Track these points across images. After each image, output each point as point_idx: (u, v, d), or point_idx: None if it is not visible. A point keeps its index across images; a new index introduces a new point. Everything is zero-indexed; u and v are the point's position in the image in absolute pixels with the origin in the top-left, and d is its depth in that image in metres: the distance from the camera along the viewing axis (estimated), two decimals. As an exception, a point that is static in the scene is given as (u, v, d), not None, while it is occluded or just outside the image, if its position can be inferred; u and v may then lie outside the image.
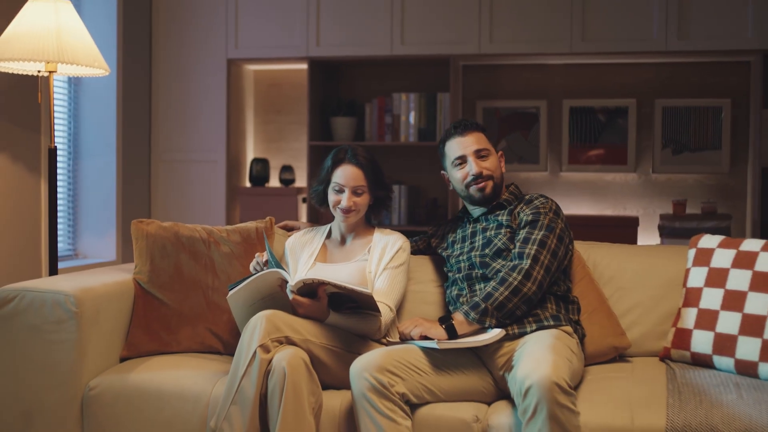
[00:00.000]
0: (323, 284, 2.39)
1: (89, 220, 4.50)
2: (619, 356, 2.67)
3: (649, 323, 2.70)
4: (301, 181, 4.97)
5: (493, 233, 2.64)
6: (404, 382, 2.27)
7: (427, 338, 2.40)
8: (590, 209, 4.74)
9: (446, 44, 4.52)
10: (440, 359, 2.38)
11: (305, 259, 2.74)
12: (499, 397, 2.42)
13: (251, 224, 2.91)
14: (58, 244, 3.30)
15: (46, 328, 2.50)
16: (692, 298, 2.57)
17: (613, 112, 4.69)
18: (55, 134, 3.41)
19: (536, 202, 2.64)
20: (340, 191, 2.68)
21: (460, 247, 2.72)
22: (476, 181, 2.65)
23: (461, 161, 2.68)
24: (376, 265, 2.66)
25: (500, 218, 2.66)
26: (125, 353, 2.68)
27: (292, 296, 2.42)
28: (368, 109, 4.77)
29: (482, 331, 2.43)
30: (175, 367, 2.57)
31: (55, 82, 3.25)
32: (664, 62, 4.62)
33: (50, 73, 3.22)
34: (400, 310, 2.76)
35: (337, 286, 2.37)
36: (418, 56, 4.59)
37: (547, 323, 2.46)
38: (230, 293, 2.48)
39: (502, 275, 2.48)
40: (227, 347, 2.72)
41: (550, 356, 2.18)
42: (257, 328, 2.30)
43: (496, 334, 2.39)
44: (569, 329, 2.48)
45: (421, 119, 4.66)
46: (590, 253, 2.84)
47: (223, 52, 4.72)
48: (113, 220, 4.49)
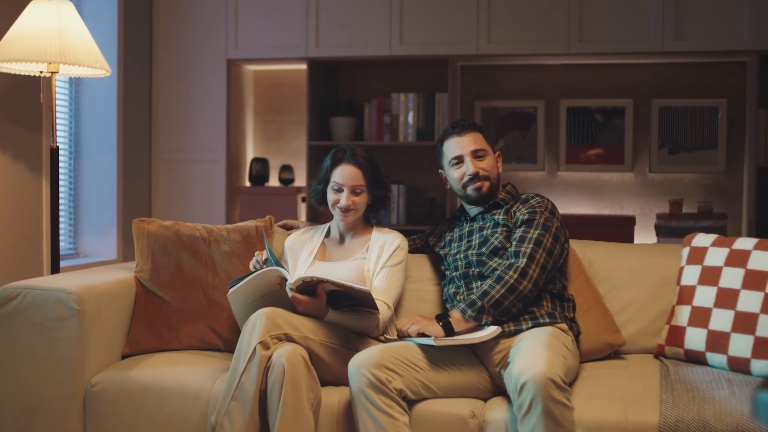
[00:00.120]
0: (322, 282, 2.42)
1: (90, 219, 4.53)
2: (614, 353, 2.70)
3: (643, 321, 2.74)
4: (300, 180, 5.00)
5: (489, 232, 2.67)
6: (402, 378, 2.30)
7: (424, 335, 2.44)
8: (587, 209, 4.77)
9: (444, 45, 4.55)
10: (437, 356, 2.41)
11: (304, 257, 2.77)
12: (495, 393, 2.45)
13: (251, 223, 2.94)
14: (59, 243, 3.33)
15: (48, 325, 2.52)
16: (686, 295, 2.60)
17: (610, 112, 4.72)
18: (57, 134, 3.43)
19: (532, 201, 2.67)
20: (339, 190, 2.71)
21: (457, 245, 2.75)
22: (473, 180, 2.68)
23: (458, 161, 2.71)
24: (374, 263, 2.69)
25: (497, 217, 2.69)
26: (127, 350, 2.71)
27: (291, 294, 2.45)
28: (367, 109, 4.80)
29: (479, 328, 2.46)
30: (176, 363, 2.60)
31: (56, 82, 3.28)
32: (660, 62, 4.66)
33: (52, 73, 3.25)
34: (398, 307, 2.79)
35: (335, 284, 2.40)
36: (416, 57, 4.62)
37: (542, 320, 2.50)
38: (230, 291, 2.51)
39: (498, 273, 2.51)
40: (227, 344, 2.75)
41: (545, 353, 2.21)
42: (257, 325, 2.33)
43: (492, 331, 2.42)
44: (564, 326, 2.52)
45: (419, 119, 4.69)
46: (586, 251, 2.87)
47: (223, 52, 4.75)
48: (114, 219, 4.51)
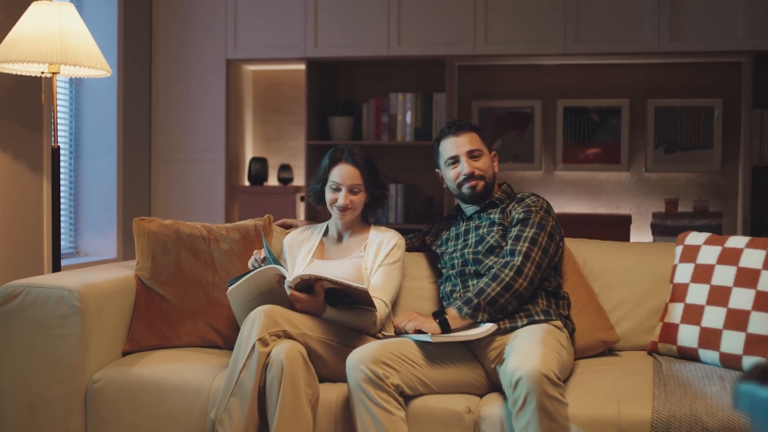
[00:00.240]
0: (320, 280, 2.45)
1: (90, 218, 4.56)
2: (608, 350, 2.73)
3: (637, 318, 2.77)
4: (299, 179, 5.03)
5: (485, 231, 2.70)
6: (399, 374, 2.33)
7: (421, 332, 2.47)
8: (584, 208, 4.81)
9: (442, 45, 4.58)
10: (434, 352, 2.44)
11: (303, 255, 2.80)
12: (490, 389, 2.48)
13: (250, 222, 2.97)
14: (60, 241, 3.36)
15: (50, 323, 2.55)
16: (679, 293, 2.63)
17: (606, 111, 4.76)
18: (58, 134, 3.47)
19: (528, 200, 2.71)
20: (337, 189, 2.74)
21: (453, 244, 2.78)
22: (468, 180, 2.71)
23: (454, 161, 2.74)
24: (371, 261, 2.72)
25: (493, 216, 2.72)
26: (127, 347, 2.73)
27: (289, 292, 2.48)
28: (365, 108, 4.83)
29: (475, 325, 2.49)
30: (176, 360, 2.63)
31: (57, 82, 3.31)
32: (656, 63, 4.69)
33: (53, 74, 3.28)
34: (395, 305, 2.81)
35: (333, 281, 2.43)
36: (414, 57, 4.65)
37: (537, 318, 2.53)
38: (229, 289, 2.54)
39: (494, 272, 2.54)
40: (227, 342, 2.77)
41: (539, 349, 2.24)
42: (256, 322, 2.36)
43: (488, 328, 2.45)
44: (559, 324, 2.55)
45: (417, 119, 4.73)
46: (580, 249, 2.91)
47: (222, 52, 4.78)
48: (114, 218, 4.54)
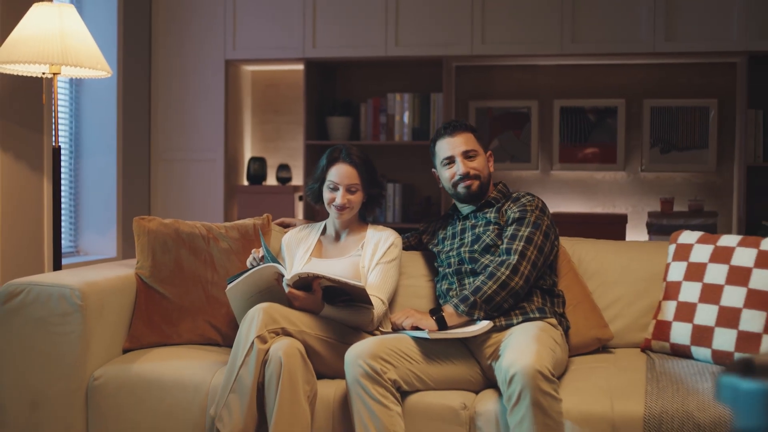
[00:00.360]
0: (318, 278, 2.48)
1: (90, 217, 4.59)
2: (602, 347, 2.77)
3: (630, 316, 2.80)
4: (297, 179, 5.06)
5: (481, 230, 2.74)
6: (396, 369, 2.36)
7: (418, 329, 2.50)
8: (580, 207, 4.84)
9: (439, 46, 4.61)
10: (431, 349, 2.48)
11: (301, 254, 2.84)
12: (486, 386, 2.51)
13: (249, 221, 3.00)
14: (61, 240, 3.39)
15: (52, 320, 2.57)
16: (672, 291, 2.67)
17: (602, 111, 4.79)
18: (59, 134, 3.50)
19: (523, 200, 2.74)
20: (334, 189, 2.77)
21: (450, 243, 2.82)
22: (463, 179, 2.74)
23: (450, 161, 2.77)
24: (369, 260, 2.75)
25: (488, 216, 2.75)
26: (128, 345, 2.76)
27: (288, 289, 2.51)
28: (363, 109, 4.86)
29: (471, 322, 2.53)
30: (175, 358, 2.66)
31: (57, 83, 3.35)
32: (652, 63, 4.72)
33: (54, 75, 3.31)
34: (392, 303, 2.84)
35: (331, 279, 2.46)
36: (412, 57, 4.68)
37: (533, 315, 2.56)
38: (229, 287, 2.56)
39: (490, 270, 2.57)
40: (226, 339, 2.80)
41: (534, 346, 2.28)
42: (255, 319, 2.39)
43: (484, 325, 2.49)
44: (554, 321, 2.58)
45: (415, 119, 4.76)
46: (575, 248, 2.94)
47: (221, 53, 4.81)
48: (114, 217, 4.57)
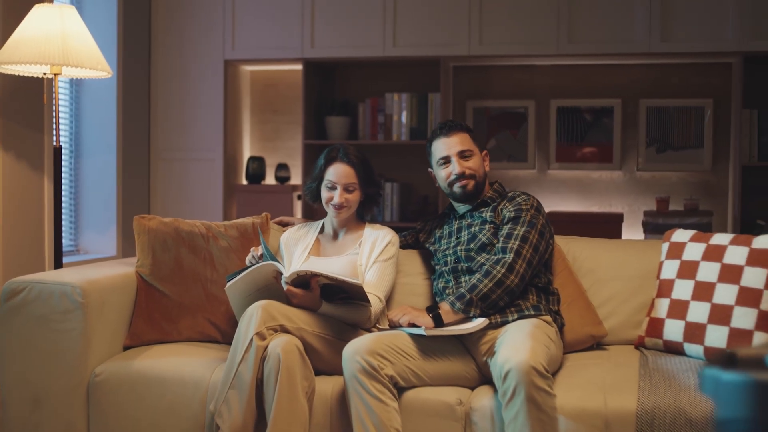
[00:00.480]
0: (316, 276, 2.51)
1: (90, 216, 4.62)
2: (596, 344, 2.80)
3: (624, 313, 2.84)
4: (296, 178, 5.09)
5: (477, 229, 2.77)
6: (393, 365, 2.39)
7: (415, 326, 2.53)
8: (577, 206, 4.88)
9: (437, 46, 4.64)
10: (427, 345, 2.51)
11: (299, 252, 2.87)
12: (482, 382, 2.55)
13: (248, 220, 3.02)
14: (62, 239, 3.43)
15: (53, 318, 2.60)
16: (665, 289, 2.70)
17: (599, 111, 4.83)
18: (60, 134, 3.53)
19: (518, 199, 2.77)
20: (332, 188, 2.80)
21: (446, 242, 2.85)
22: (458, 179, 2.77)
23: (445, 161, 2.80)
24: (366, 258, 2.78)
25: (484, 215, 2.79)
26: (128, 342, 2.79)
27: (286, 287, 2.53)
28: (361, 108, 4.89)
29: (467, 320, 2.55)
30: (175, 354, 2.68)
31: (58, 83, 3.38)
32: (648, 63, 4.76)
33: (55, 75, 3.35)
34: (389, 301, 2.87)
35: (329, 277, 2.49)
36: (409, 57, 4.71)
37: (528, 313, 2.59)
38: (228, 284, 2.59)
39: (486, 268, 2.60)
40: (225, 336, 2.83)
41: (528, 342, 2.31)
42: (254, 316, 2.42)
43: (480, 323, 2.52)
44: (549, 318, 2.61)
45: (412, 119, 4.79)
46: (570, 246, 2.97)
47: (220, 53, 4.84)
48: (114, 216, 4.60)
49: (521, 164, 4.90)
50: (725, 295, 2.54)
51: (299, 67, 4.88)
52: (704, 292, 2.58)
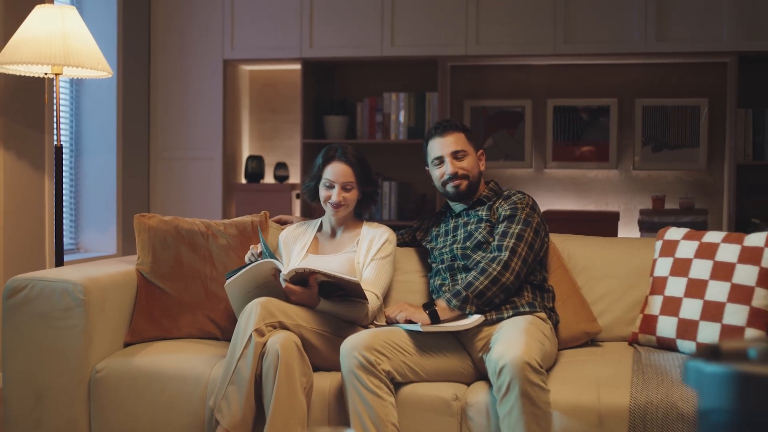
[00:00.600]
0: (314, 273, 2.53)
1: (91, 215, 4.65)
2: (590, 341, 2.83)
3: (618, 310, 2.87)
4: (294, 177, 5.12)
5: (473, 227, 2.80)
6: (390, 361, 2.42)
7: (411, 322, 2.56)
8: (573, 205, 4.91)
9: (435, 46, 4.67)
10: (424, 342, 2.54)
11: (298, 250, 2.90)
12: (477, 378, 2.57)
13: (247, 218, 3.05)
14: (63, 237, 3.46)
15: (55, 315, 2.63)
16: (658, 286, 2.73)
17: (595, 111, 4.86)
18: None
19: (514, 197, 2.80)
20: (330, 187, 2.83)
21: (443, 240, 2.88)
22: (452, 179, 2.79)
23: (440, 161, 2.83)
24: (364, 256, 2.81)
25: (480, 213, 2.82)
26: (129, 339, 2.81)
27: (285, 284, 2.56)
28: (360, 108, 4.92)
29: (463, 316, 2.58)
30: (175, 351, 2.71)
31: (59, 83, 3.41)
32: (644, 63, 4.79)
33: (56, 75, 3.38)
34: (386, 298, 2.90)
35: (327, 275, 2.52)
36: (407, 57, 4.74)
37: (523, 310, 2.62)
38: (227, 282, 2.61)
39: (482, 266, 2.64)
40: (224, 333, 2.85)
41: (523, 338, 2.34)
42: (253, 313, 2.45)
43: (475, 319, 2.55)
44: (543, 315, 2.64)
45: (410, 118, 4.82)
46: (565, 244, 3.00)
47: (219, 53, 4.87)
48: (114, 215, 4.63)
49: (518, 163, 4.93)
50: (717, 292, 2.57)
51: (298, 66, 4.91)
52: (697, 289, 2.61)
